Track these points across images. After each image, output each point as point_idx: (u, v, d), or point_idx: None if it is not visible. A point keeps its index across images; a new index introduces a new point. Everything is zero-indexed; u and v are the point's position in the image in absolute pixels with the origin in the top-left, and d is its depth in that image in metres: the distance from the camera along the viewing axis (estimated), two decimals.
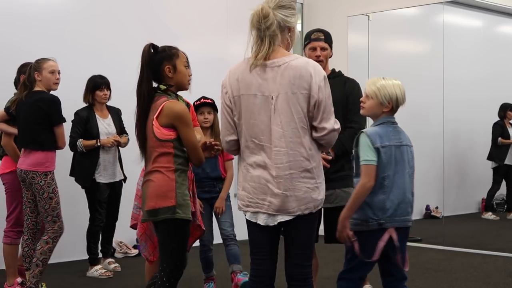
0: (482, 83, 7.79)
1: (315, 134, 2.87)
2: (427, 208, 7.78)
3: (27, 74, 4.55)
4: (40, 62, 4.54)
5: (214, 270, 4.77)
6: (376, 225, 3.10)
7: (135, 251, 6.25)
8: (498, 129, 7.60)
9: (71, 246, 5.71)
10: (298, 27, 7.94)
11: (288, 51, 2.92)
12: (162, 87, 3.19)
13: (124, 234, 6.14)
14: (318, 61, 3.89)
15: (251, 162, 2.87)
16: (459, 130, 7.57)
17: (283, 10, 2.84)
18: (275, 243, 2.95)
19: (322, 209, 3.67)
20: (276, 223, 2.86)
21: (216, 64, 6.83)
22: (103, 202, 5.48)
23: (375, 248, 3.10)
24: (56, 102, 4.48)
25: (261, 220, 2.87)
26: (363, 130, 3.17)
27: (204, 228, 3.59)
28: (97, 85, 5.43)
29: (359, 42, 7.57)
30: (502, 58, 7.83)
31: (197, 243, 4.18)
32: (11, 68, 5.69)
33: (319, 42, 3.94)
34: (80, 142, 5.31)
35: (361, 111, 3.28)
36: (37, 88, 4.52)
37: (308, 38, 4.02)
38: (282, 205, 2.82)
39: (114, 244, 6.23)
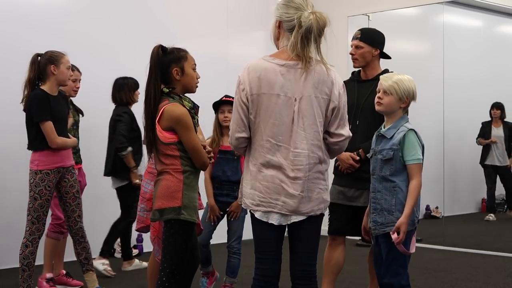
0: (482, 83, 7.79)
1: (330, 140, 2.91)
2: (427, 208, 7.78)
3: (38, 67, 4.35)
4: (57, 56, 4.38)
5: (212, 266, 4.68)
6: (417, 222, 3.22)
7: (135, 251, 6.24)
8: (481, 129, 7.63)
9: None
10: None
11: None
12: (165, 89, 3.18)
13: None
14: (353, 59, 3.95)
15: (265, 162, 2.85)
16: (459, 130, 7.57)
17: None
18: (281, 242, 2.96)
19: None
20: (289, 223, 2.88)
21: (216, 64, 6.84)
22: None
23: (411, 242, 3.19)
24: (36, 98, 4.29)
25: (274, 219, 2.86)
26: (411, 128, 3.14)
27: (202, 228, 3.57)
28: (137, 85, 5.46)
29: None
30: (502, 58, 7.83)
31: None
32: (11, 68, 5.69)
33: (354, 40, 3.95)
34: (129, 151, 5.29)
35: (377, 108, 3.26)
36: (46, 85, 4.35)
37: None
38: (297, 206, 2.84)
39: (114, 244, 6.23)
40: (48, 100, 4.34)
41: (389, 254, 3.18)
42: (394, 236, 3.09)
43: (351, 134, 2.96)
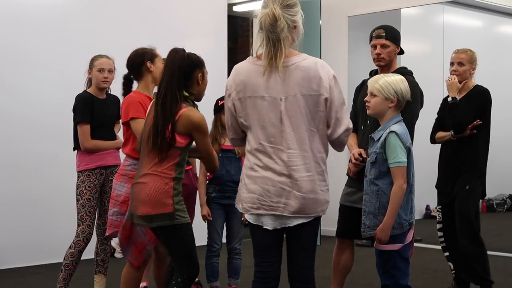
0: (482, 83, 7.76)
1: (328, 135, 2.85)
2: (427, 208, 7.78)
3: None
4: (92, 59, 4.39)
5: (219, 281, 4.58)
6: (408, 225, 3.16)
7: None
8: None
9: None
10: None
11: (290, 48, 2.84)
12: (185, 93, 3.14)
13: None
14: (378, 59, 3.86)
15: (263, 165, 2.82)
16: None
17: (289, 10, 2.77)
18: (280, 245, 2.93)
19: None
20: (283, 226, 2.83)
21: (216, 64, 6.83)
22: None
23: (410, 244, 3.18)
24: (78, 99, 4.31)
25: (269, 224, 2.82)
26: (392, 130, 3.12)
27: None
28: None
29: (359, 42, 7.56)
30: (502, 58, 7.83)
31: (202, 248, 4.09)
32: (11, 68, 5.70)
33: (379, 39, 3.85)
34: None
35: (368, 112, 3.27)
36: (91, 87, 4.39)
37: (371, 36, 3.93)
38: (301, 207, 2.78)
39: (113, 244, 6.22)
40: (91, 102, 4.31)
41: (381, 256, 3.20)
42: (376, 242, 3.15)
43: (349, 126, 2.85)
